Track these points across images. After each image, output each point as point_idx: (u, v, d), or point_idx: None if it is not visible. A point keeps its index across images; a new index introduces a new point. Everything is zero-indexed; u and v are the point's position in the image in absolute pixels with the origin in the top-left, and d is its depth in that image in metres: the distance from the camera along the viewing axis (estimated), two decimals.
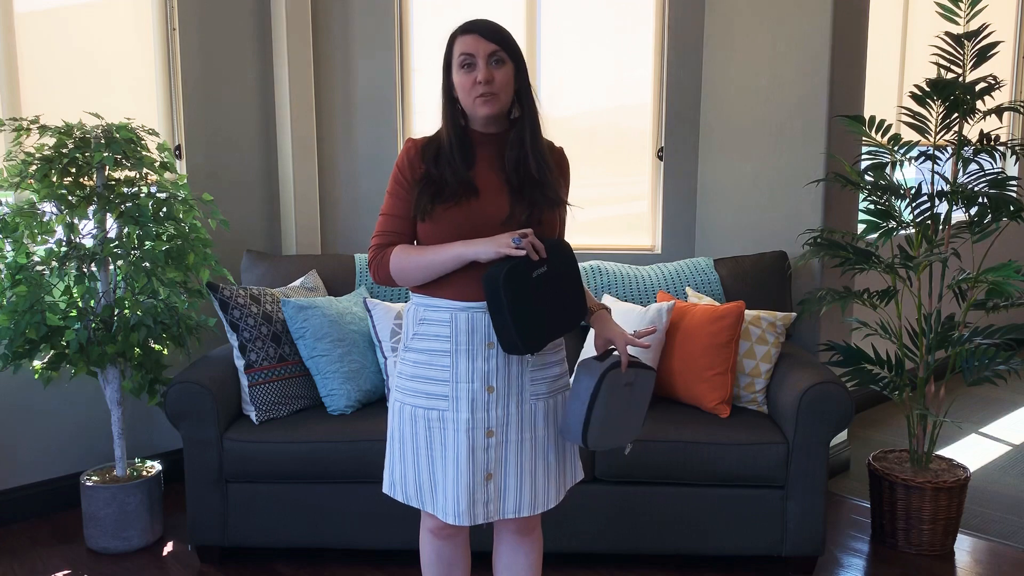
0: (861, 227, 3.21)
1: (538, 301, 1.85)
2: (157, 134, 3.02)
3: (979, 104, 2.93)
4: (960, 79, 2.96)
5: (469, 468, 1.92)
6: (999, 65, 5.27)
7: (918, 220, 3.03)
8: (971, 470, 3.31)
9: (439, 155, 1.95)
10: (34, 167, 2.76)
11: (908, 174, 3.15)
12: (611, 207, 3.91)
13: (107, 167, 2.86)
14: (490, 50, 1.87)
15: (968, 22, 3.00)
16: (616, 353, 1.97)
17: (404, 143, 2.03)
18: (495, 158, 1.96)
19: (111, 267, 2.93)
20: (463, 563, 2.16)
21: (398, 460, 2.02)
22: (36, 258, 2.81)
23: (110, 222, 2.89)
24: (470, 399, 1.92)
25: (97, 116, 2.95)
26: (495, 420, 1.93)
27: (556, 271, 1.88)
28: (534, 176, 1.92)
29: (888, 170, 3.03)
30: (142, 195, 2.90)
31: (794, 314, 3.06)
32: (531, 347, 1.86)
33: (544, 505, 1.99)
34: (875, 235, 3.04)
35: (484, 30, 1.89)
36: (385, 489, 2.07)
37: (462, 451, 1.92)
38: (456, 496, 1.93)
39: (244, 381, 2.87)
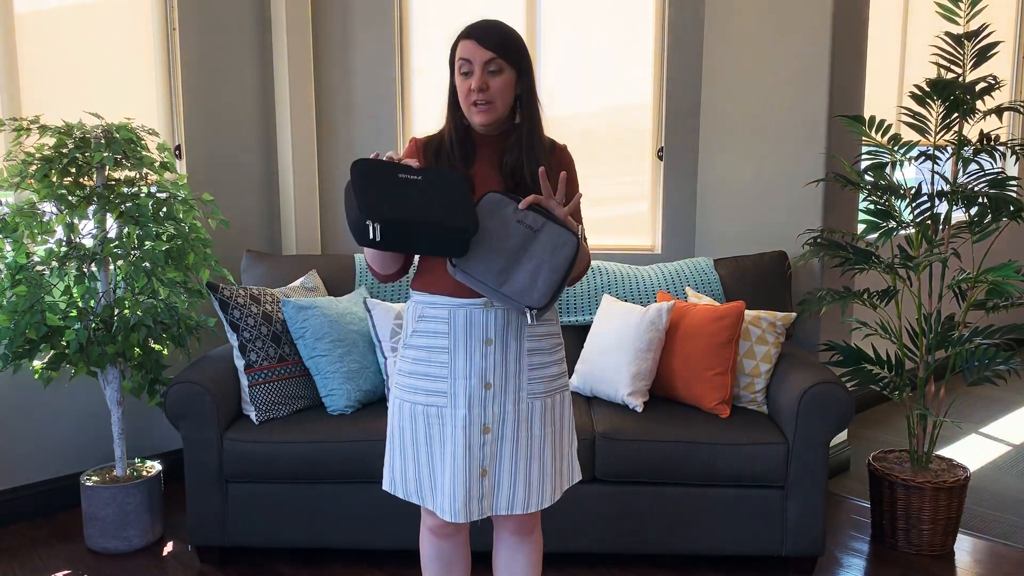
0: (861, 227, 3.21)
1: (405, 193, 1.73)
2: (157, 134, 3.02)
3: (979, 104, 2.93)
4: (960, 79, 2.96)
5: (466, 465, 1.93)
6: (999, 65, 5.27)
7: (918, 220, 3.03)
8: (971, 470, 3.31)
9: (439, 153, 1.96)
10: (34, 167, 2.76)
11: (908, 174, 3.15)
12: (611, 207, 3.91)
13: (107, 167, 2.86)
14: (487, 58, 1.87)
15: (968, 22, 2.99)
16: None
17: (408, 141, 2.03)
18: (495, 158, 1.97)
19: (111, 267, 2.93)
20: (463, 562, 2.16)
21: (398, 457, 2.02)
22: (36, 258, 2.81)
23: (110, 222, 2.89)
24: (467, 395, 1.93)
25: (97, 116, 2.95)
26: (492, 417, 1.94)
27: (428, 183, 1.76)
28: (528, 183, 1.93)
29: (888, 170, 3.03)
30: (142, 195, 2.90)
31: (794, 314, 3.06)
32: (381, 216, 1.67)
33: (538, 504, 1.99)
34: (875, 235, 3.04)
35: (483, 36, 1.88)
36: (385, 486, 2.07)
37: (459, 448, 1.93)
38: (452, 493, 1.93)
39: (244, 381, 2.87)
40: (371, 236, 1.69)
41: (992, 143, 2.96)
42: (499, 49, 1.88)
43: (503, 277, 1.83)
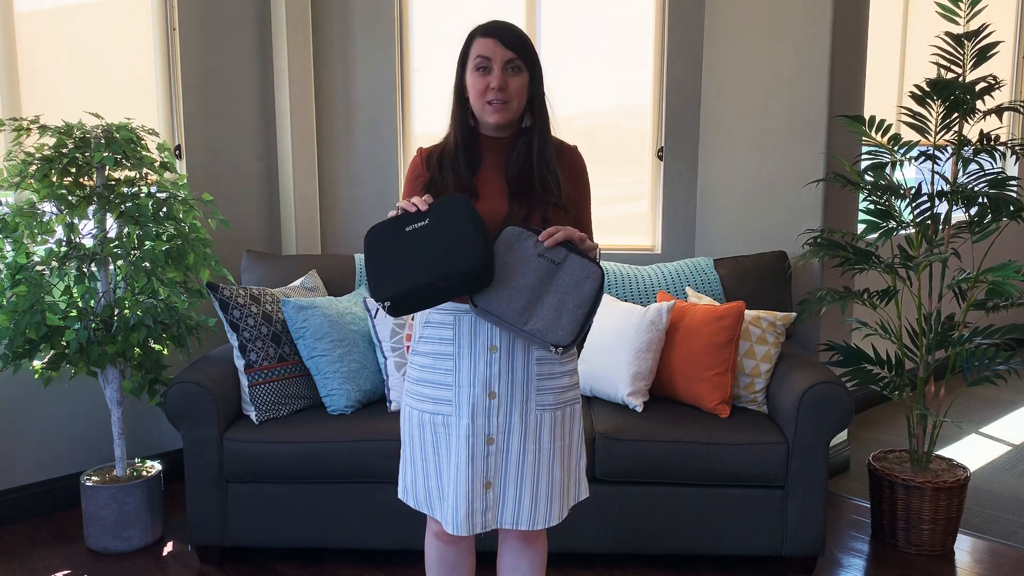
0: (861, 227, 3.21)
1: (408, 254, 1.75)
2: (157, 134, 3.02)
3: (979, 104, 2.93)
4: (960, 79, 2.96)
5: (469, 476, 1.90)
6: (999, 65, 5.27)
7: (918, 220, 3.03)
8: (971, 470, 3.31)
9: (443, 159, 1.94)
10: (34, 167, 2.76)
11: (908, 174, 3.15)
12: (611, 207, 3.91)
13: (107, 167, 2.86)
14: (508, 57, 1.86)
15: (968, 22, 2.99)
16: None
17: (416, 152, 2.02)
18: (500, 162, 1.95)
19: (111, 267, 2.92)
20: (466, 567, 2.15)
21: (409, 465, 2.01)
22: (36, 258, 2.81)
23: (110, 222, 2.89)
24: (471, 404, 1.90)
25: (97, 116, 2.95)
26: (496, 427, 1.90)
27: (436, 224, 1.77)
28: (536, 187, 1.91)
29: (888, 170, 3.03)
30: (142, 195, 2.90)
31: (794, 314, 3.06)
32: (385, 296, 1.75)
33: (545, 521, 1.95)
34: (875, 235, 3.04)
35: (505, 35, 1.87)
36: (399, 494, 2.06)
37: (462, 458, 1.90)
38: (455, 504, 1.91)
39: (244, 381, 2.87)
40: (385, 312, 1.78)
41: (992, 143, 2.96)
42: (519, 49, 1.87)
43: (526, 315, 1.77)
